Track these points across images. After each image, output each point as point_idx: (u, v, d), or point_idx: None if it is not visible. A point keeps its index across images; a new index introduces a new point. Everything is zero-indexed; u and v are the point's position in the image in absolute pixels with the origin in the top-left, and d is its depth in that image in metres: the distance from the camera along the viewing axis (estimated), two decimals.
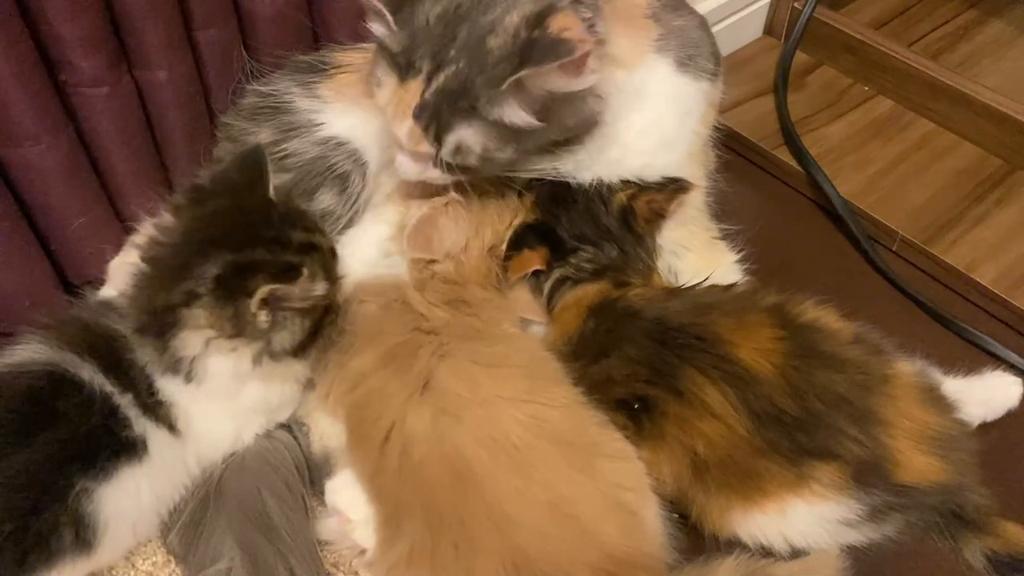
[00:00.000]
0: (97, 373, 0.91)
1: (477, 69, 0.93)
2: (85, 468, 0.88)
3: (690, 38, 1.12)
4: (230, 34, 1.15)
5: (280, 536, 0.98)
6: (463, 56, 0.93)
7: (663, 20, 1.10)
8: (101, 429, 0.90)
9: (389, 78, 0.97)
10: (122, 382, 0.92)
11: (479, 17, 0.93)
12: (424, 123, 0.95)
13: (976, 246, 1.34)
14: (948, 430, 0.97)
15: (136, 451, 0.92)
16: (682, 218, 1.18)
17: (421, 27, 0.94)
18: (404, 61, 0.95)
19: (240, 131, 1.13)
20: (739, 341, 0.98)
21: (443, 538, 0.88)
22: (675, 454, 0.97)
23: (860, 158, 1.48)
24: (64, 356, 0.92)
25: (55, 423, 0.88)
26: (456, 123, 0.95)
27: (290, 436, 1.07)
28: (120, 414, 0.92)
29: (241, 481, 1.01)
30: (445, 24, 0.93)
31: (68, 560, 0.88)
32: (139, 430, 0.93)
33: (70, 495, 0.87)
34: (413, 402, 0.94)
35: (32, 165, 1.02)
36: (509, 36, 0.92)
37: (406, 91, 0.95)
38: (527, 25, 0.92)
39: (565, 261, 1.11)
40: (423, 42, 0.94)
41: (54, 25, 0.97)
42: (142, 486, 0.93)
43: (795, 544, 0.97)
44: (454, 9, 0.93)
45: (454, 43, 0.93)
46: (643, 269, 1.13)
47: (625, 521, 0.91)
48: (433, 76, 0.94)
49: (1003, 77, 1.59)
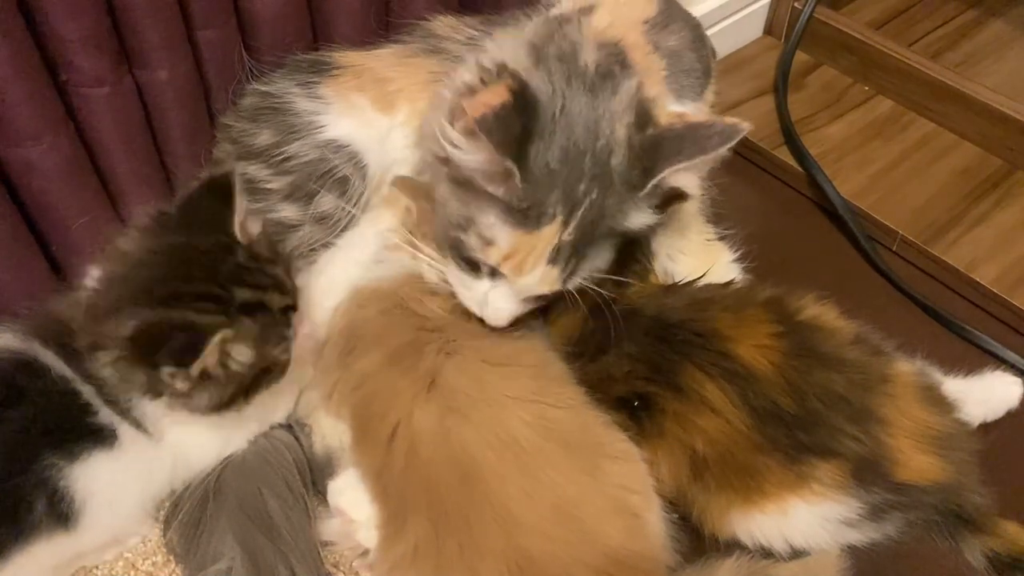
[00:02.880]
0: (58, 360, 0.92)
1: (608, 192, 0.93)
2: (53, 446, 0.89)
3: (682, 65, 1.12)
4: (230, 34, 1.15)
5: (281, 536, 0.98)
6: (594, 186, 0.93)
7: (661, 47, 1.10)
8: (65, 412, 0.91)
9: (506, 232, 0.94)
10: (83, 372, 0.92)
11: (594, 145, 0.93)
12: (562, 264, 0.95)
13: (976, 246, 1.34)
14: (948, 430, 0.97)
15: (105, 438, 0.93)
16: (676, 224, 1.18)
17: (543, 175, 0.92)
18: (533, 212, 0.92)
19: (240, 132, 1.13)
20: (738, 337, 0.98)
21: (448, 537, 0.88)
22: (674, 452, 0.97)
23: (860, 158, 1.48)
24: (32, 344, 0.93)
25: (22, 402, 0.90)
26: (592, 251, 0.96)
27: (290, 436, 1.07)
28: (82, 401, 0.92)
29: (242, 480, 1.01)
30: (569, 164, 0.92)
31: (44, 533, 0.88)
32: (106, 420, 0.93)
33: (37, 466, 0.88)
34: (420, 400, 0.94)
35: (32, 165, 1.02)
36: (625, 148, 0.93)
37: (538, 239, 0.93)
38: (636, 130, 0.94)
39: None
40: (552, 188, 0.92)
41: (55, 25, 0.96)
42: (117, 470, 0.93)
43: (795, 544, 0.97)
44: (572, 147, 0.92)
45: (583, 178, 0.92)
46: (639, 270, 1.13)
47: (629, 524, 0.91)
48: (571, 216, 0.93)
49: (1003, 77, 1.59)
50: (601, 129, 0.94)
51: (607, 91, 0.96)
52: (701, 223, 1.23)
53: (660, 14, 1.12)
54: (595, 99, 0.95)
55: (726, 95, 1.58)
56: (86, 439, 0.91)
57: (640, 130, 0.94)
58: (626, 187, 0.94)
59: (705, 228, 1.24)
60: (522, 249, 0.94)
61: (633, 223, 0.97)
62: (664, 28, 1.12)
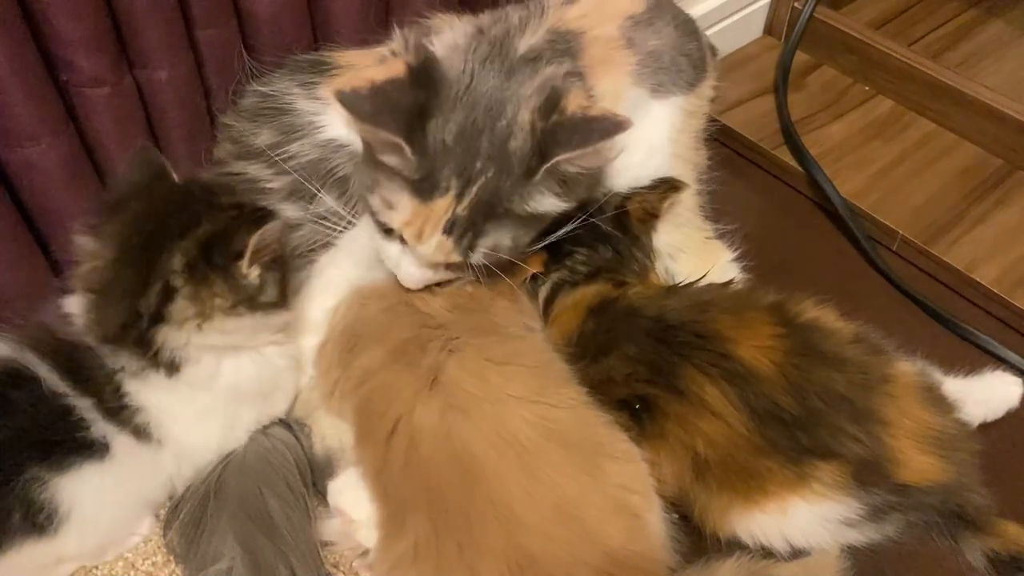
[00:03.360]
0: (52, 373, 0.93)
1: (505, 174, 0.95)
2: (38, 458, 0.90)
3: (663, 63, 1.13)
4: (230, 34, 1.15)
5: (281, 535, 0.98)
6: (491, 166, 0.94)
7: (638, 44, 1.10)
8: (54, 426, 0.91)
9: (405, 199, 0.97)
10: (80, 387, 0.93)
11: (494, 125, 0.95)
12: (457, 236, 0.97)
13: (976, 246, 1.34)
14: (948, 430, 0.97)
15: (96, 451, 0.93)
16: (675, 220, 1.19)
17: (439, 149, 0.95)
18: (427, 183, 0.95)
19: (241, 132, 1.13)
20: (739, 338, 0.98)
21: (448, 537, 0.88)
22: (676, 453, 0.97)
23: (860, 158, 1.48)
24: (24, 355, 0.93)
25: (10, 412, 0.90)
26: (489, 228, 0.97)
27: (291, 435, 1.07)
28: (75, 415, 0.93)
29: (242, 480, 1.01)
30: (465, 141, 0.94)
31: (18, 540, 0.89)
32: (99, 433, 0.93)
33: (18, 481, 0.88)
34: (421, 397, 0.94)
35: (33, 165, 1.02)
36: (527, 133, 0.94)
37: (431, 209, 0.96)
38: (541, 116, 0.94)
39: (561, 265, 1.11)
40: (446, 163, 0.94)
41: (55, 25, 0.97)
42: (107, 483, 0.94)
43: (796, 544, 0.97)
44: (470, 125, 0.95)
45: (479, 156, 0.94)
46: (639, 270, 1.13)
47: (629, 524, 0.91)
48: (464, 192, 0.95)
49: (1003, 77, 1.59)
50: (505, 111, 0.95)
51: (524, 75, 0.97)
52: (700, 219, 1.24)
53: (647, 11, 1.13)
54: (507, 82, 0.97)
55: (726, 95, 1.59)
56: (74, 452, 0.92)
57: (545, 116, 0.94)
58: (524, 171, 0.95)
59: (704, 225, 1.24)
60: (418, 217, 0.97)
61: (536, 207, 0.98)
62: (648, 26, 1.12)
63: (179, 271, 0.91)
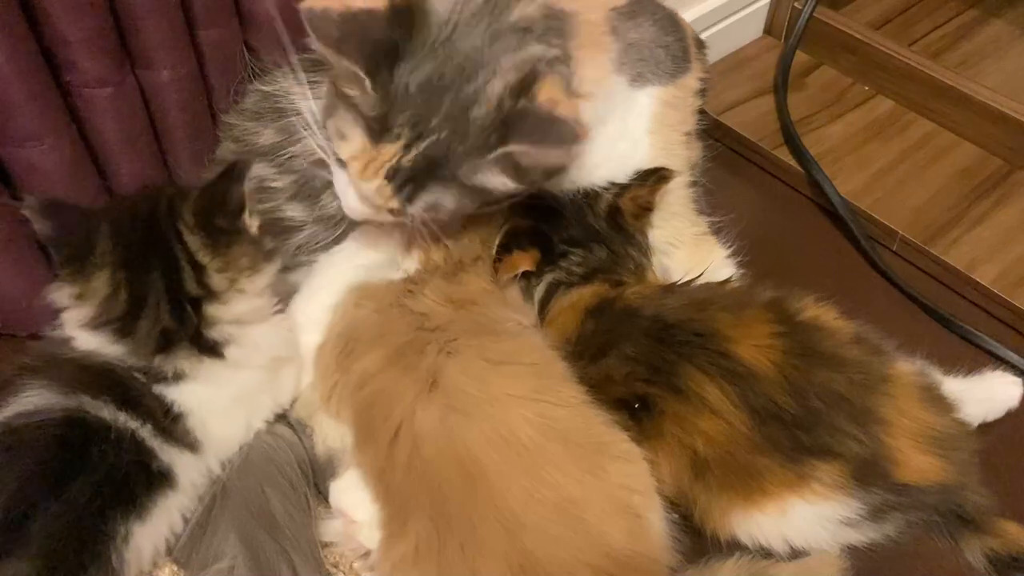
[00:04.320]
0: (115, 411, 0.91)
1: (459, 139, 0.93)
2: (124, 511, 0.89)
3: (642, 55, 1.12)
4: (232, 34, 1.15)
5: (283, 533, 0.98)
6: (446, 127, 0.92)
7: (621, 34, 1.10)
8: (132, 468, 0.90)
9: (357, 134, 0.96)
10: (139, 413, 0.92)
11: (462, 86, 0.92)
12: (397, 185, 0.95)
13: (976, 246, 1.34)
14: (948, 430, 0.97)
15: (167, 482, 0.93)
16: (666, 214, 1.18)
17: (400, 93, 0.92)
18: (379, 125, 0.93)
19: (243, 131, 1.13)
20: (738, 337, 0.98)
21: (450, 538, 0.88)
22: (675, 453, 0.97)
23: (860, 158, 1.49)
24: (80, 399, 0.90)
25: (92, 468, 0.87)
26: (432, 186, 0.96)
27: (292, 433, 1.07)
28: (145, 447, 0.92)
29: (245, 478, 1.01)
30: (428, 93, 0.92)
31: None
32: (166, 459, 0.93)
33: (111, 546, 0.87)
34: (422, 400, 0.94)
35: (35, 165, 1.03)
36: (493, 106, 0.92)
37: (379, 152, 0.94)
38: (511, 94, 0.92)
39: (556, 265, 1.11)
40: (403, 109, 0.92)
41: (58, 26, 0.97)
42: (173, 514, 0.95)
43: (795, 544, 0.97)
44: (437, 79, 0.92)
45: (437, 113, 0.92)
46: (634, 269, 1.13)
47: (631, 525, 0.91)
48: (413, 144, 0.93)
49: (1003, 77, 1.59)
50: (477, 76, 0.92)
51: (509, 45, 0.94)
52: (692, 214, 1.23)
53: (628, 5, 1.12)
54: (490, 47, 0.93)
55: (726, 95, 1.59)
56: (151, 488, 0.92)
57: (515, 96, 0.92)
58: (479, 144, 0.93)
59: (697, 220, 1.23)
60: (364, 155, 0.95)
61: (484, 182, 0.96)
62: (630, 19, 1.12)
63: (200, 248, 0.92)
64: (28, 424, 0.88)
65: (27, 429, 0.88)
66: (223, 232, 0.94)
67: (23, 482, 0.85)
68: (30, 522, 0.83)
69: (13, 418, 0.89)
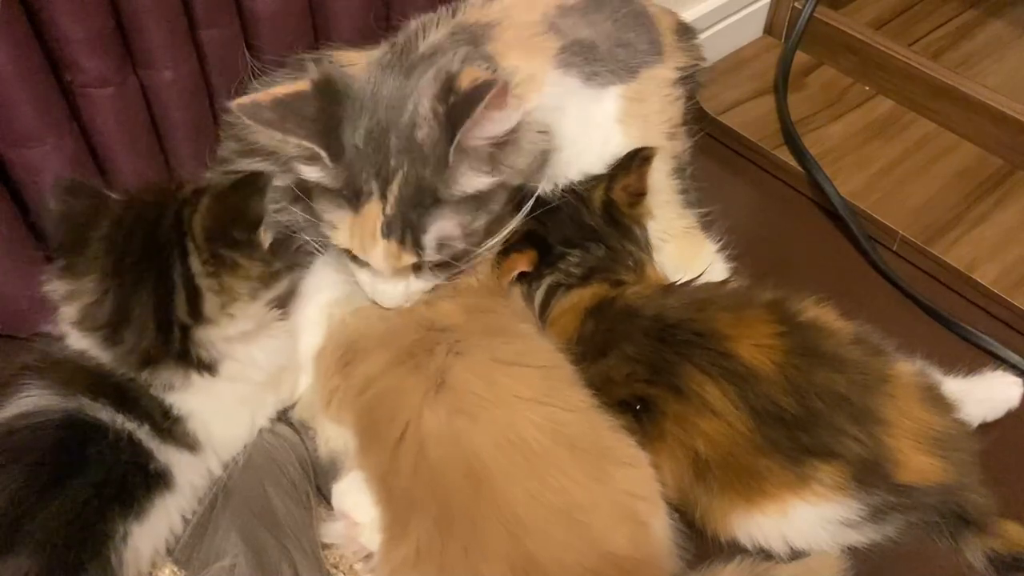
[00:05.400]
0: (113, 413, 0.91)
1: (420, 163, 0.95)
2: (123, 511, 0.89)
3: (596, 54, 1.12)
4: (233, 33, 1.15)
5: (284, 532, 0.98)
6: (404, 159, 0.95)
7: (564, 31, 1.10)
8: (130, 469, 0.90)
9: (341, 215, 0.99)
10: (137, 415, 0.92)
11: (398, 120, 0.96)
12: (398, 236, 0.97)
13: (976, 246, 1.34)
14: (948, 430, 0.97)
15: (164, 482, 0.93)
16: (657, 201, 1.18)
17: (353, 154, 0.96)
18: (351, 192, 0.97)
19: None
20: (738, 337, 0.98)
21: (453, 540, 0.88)
22: (676, 454, 0.97)
23: (860, 158, 1.49)
24: (80, 401, 0.91)
25: (90, 470, 0.88)
26: (428, 220, 0.97)
27: (294, 433, 1.07)
28: (143, 448, 0.92)
29: (247, 477, 1.01)
30: (374, 142, 0.95)
31: None
32: (162, 460, 0.93)
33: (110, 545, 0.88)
34: (429, 400, 0.93)
35: (36, 165, 1.03)
36: (431, 120, 0.95)
37: (365, 218, 0.97)
38: (440, 100, 0.94)
39: (554, 268, 1.11)
40: (362, 167, 0.96)
41: (60, 25, 0.97)
42: (172, 515, 0.95)
43: (796, 545, 0.97)
44: (376, 125, 0.96)
45: (390, 153, 0.95)
46: (633, 265, 1.13)
47: (635, 531, 0.90)
48: (386, 191, 0.95)
49: (1003, 77, 1.59)
50: (406, 106, 0.96)
51: (423, 70, 0.98)
52: (680, 207, 1.22)
53: (584, 3, 1.13)
54: (407, 80, 0.98)
55: (726, 95, 1.59)
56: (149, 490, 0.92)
57: (444, 100, 0.94)
58: (438, 156, 0.95)
59: (685, 213, 1.23)
60: (357, 229, 0.98)
61: (467, 188, 0.97)
62: (582, 16, 1.12)
63: (202, 271, 0.91)
64: (28, 425, 0.89)
65: (27, 430, 0.88)
66: (233, 247, 0.92)
67: (23, 482, 0.85)
68: (30, 521, 0.84)
69: (13, 419, 0.89)
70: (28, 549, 0.83)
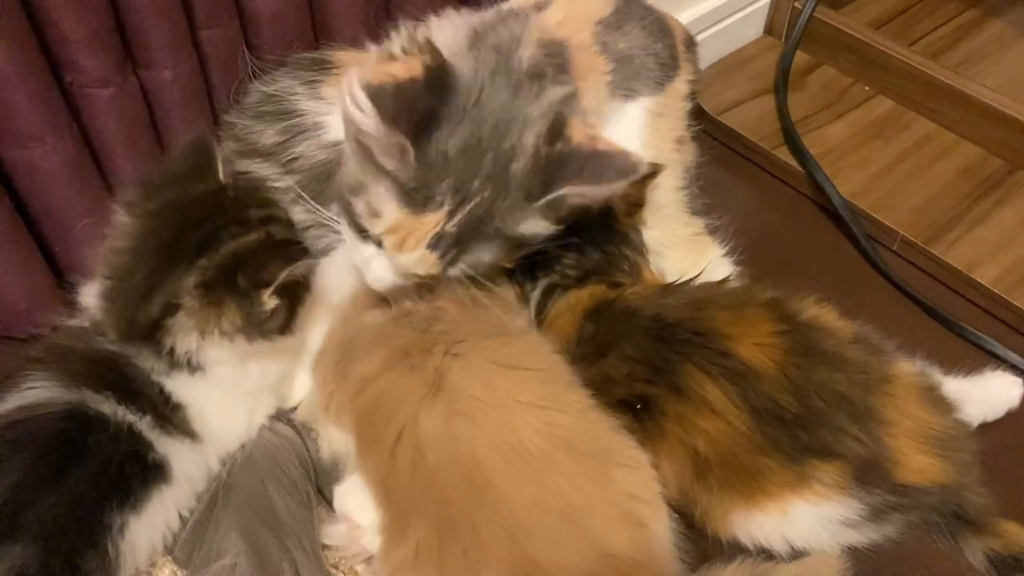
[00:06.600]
0: (116, 404, 0.91)
1: (501, 195, 0.92)
2: (120, 503, 0.89)
3: (632, 68, 1.11)
4: (233, 33, 1.15)
5: (285, 531, 0.98)
6: (488, 185, 0.92)
7: (610, 48, 1.09)
8: (128, 459, 0.90)
9: (392, 208, 0.94)
10: (139, 406, 0.92)
11: (500, 144, 0.92)
12: (441, 252, 0.94)
13: (977, 246, 1.34)
14: (948, 430, 0.97)
15: (162, 474, 0.93)
16: (660, 215, 1.17)
17: (439, 161, 0.91)
18: (419, 194, 0.92)
19: (245, 129, 1.13)
20: (738, 336, 0.98)
21: (452, 543, 0.87)
22: (676, 453, 0.97)
23: (860, 158, 1.49)
24: (83, 393, 0.91)
25: (87, 459, 0.88)
26: (476, 247, 0.95)
27: (295, 433, 1.07)
28: (144, 439, 0.92)
29: (247, 476, 1.01)
30: (468, 157, 0.91)
31: None
32: (161, 451, 0.93)
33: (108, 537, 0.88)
34: (426, 403, 0.92)
35: (36, 166, 1.03)
36: (529, 156, 0.92)
37: (420, 223, 0.93)
38: (546, 141, 0.92)
39: (551, 269, 1.10)
40: (444, 176, 0.91)
41: (59, 25, 0.97)
42: (169, 509, 0.95)
43: (796, 545, 0.97)
44: (475, 142, 0.91)
45: (479, 175, 0.91)
46: (629, 268, 1.12)
47: (636, 534, 0.90)
48: (458, 209, 0.92)
49: (1003, 77, 1.59)
50: (511, 131, 0.92)
51: (531, 93, 0.94)
52: (685, 215, 1.22)
53: (614, 14, 1.11)
54: (515, 99, 0.94)
55: (726, 95, 1.59)
56: (147, 482, 0.92)
57: (550, 143, 0.92)
58: (522, 195, 0.93)
59: (691, 221, 1.23)
60: (404, 228, 0.94)
61: (526, 230, 0.96)
62: (617, 29, 1.11)
63: (190, 291, 0.90)
64: (31, 417, 0.89)
65: (30, 422, 0.89)
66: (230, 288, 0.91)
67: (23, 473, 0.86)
68: (29, 510, 0.84)
69: (15, 411, 0.90)
70: (27, 538, 0.83)
